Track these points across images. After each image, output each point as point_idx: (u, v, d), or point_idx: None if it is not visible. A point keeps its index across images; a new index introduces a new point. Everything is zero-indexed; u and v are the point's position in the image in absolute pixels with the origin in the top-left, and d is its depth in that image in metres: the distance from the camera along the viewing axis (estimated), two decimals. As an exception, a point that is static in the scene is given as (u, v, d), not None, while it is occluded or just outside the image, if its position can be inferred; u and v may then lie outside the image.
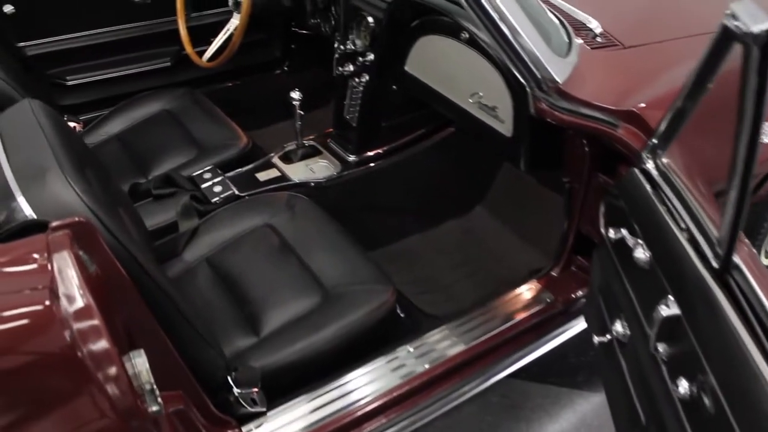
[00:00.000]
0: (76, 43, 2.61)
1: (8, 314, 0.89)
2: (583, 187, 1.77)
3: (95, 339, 0.94)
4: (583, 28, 1.82)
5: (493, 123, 1.82)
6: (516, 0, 1.47)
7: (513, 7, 1.44)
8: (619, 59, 1.75)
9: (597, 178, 1.72)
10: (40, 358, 0.95)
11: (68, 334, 0.92)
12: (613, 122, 1.52)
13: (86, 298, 0.95)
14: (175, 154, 2.26)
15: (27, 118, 1.31)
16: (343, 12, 2.26)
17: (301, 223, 1.91)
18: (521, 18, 1.45)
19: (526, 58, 1.49)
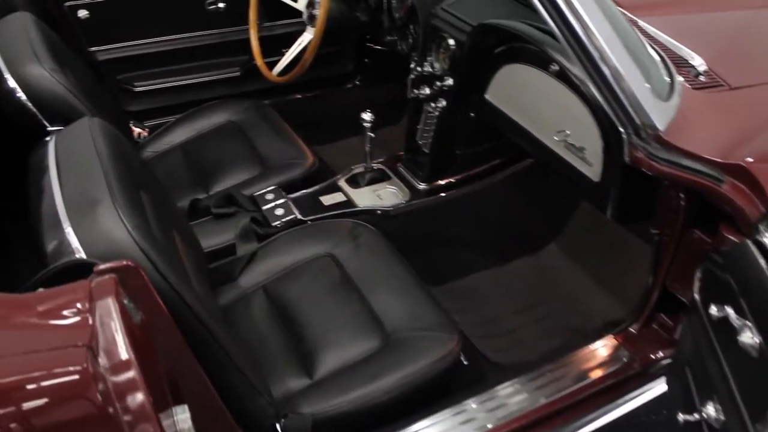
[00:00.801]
0: (146, 49, 2.57)
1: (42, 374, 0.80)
2: (675, 242, 1.61)
3: (131, 394, 0.86)
4: (685, 64, 1.66)
5: (580, 165, 1.67)
6: (618, 36, 1.32)
7: (616, 46, 1.29)
8: (725, 102, 1.59)
9: (692, 233, 1.56)
10: (72, 417, 0.86)
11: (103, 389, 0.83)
12: (718, 177, 1.36)
13: (127, 353, 0.86)
14: (238, 169, 2.19)
15: (84, 138, 1.24)
16: (422, 31, 2.14)
17: (364, 256, 1.81)
18: (624, 59, 1.31)
19: (626, 102, 1.35)
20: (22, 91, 1.58)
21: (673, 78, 1.55)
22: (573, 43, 1.29)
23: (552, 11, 1.27)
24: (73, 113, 1.63)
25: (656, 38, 1.79)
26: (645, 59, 1.49)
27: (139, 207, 1.18)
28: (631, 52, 1.37)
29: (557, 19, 1.28)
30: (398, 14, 2.34)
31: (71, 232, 1.04)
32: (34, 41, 1.68)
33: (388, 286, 1.73)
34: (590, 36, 1.25)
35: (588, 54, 1.28)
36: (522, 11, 1.92)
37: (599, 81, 1.32)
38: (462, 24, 1.99)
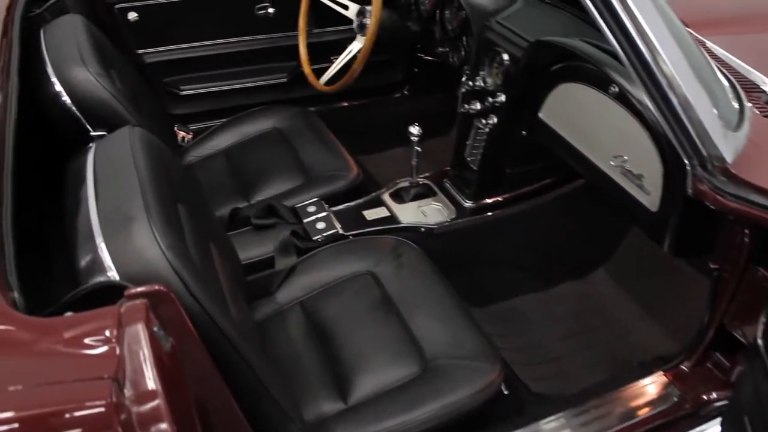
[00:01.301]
0: (194, 52, 2.55)
1: (65, 407, 0.76)
2: (736, 279, 1.51)
3: (155, 425, 0.82)
4: (756, 90, 1.57)
5: (636, 193, 1.59)
6: (688, 61, 1.23)
7: (685, 72, 1.21)
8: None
9: (756, 272, 1.46)
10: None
11: (126, 419, 0.78)
12: (789, 215, 1.27)
13: (153, 383, 0.82)
14: (280, 179, 2.15)
15: (123, 150, 1.20)
16: (475, 45, 2.07)
17: (406, 276, 1.74)
18: (694, 86, 1.22)
19: (692, 132, 1.26)
20: (67, 94, 1.57)
21: (743, 105, 1.46)
22: (639, 67, 1.21)
23: (617, 32, 1.19)
24: (117, 118, 1.61)
25: (724, 60, 1.70)
26: (714, 85, 1.40)
27: (175, 224, 1.14)
28: (700, 78, 1.28)
29: (623, 41, 1.20)
30: (451, 25, 2.28)
31: (104, 249, 1.00)
32: (82, 45, 1.67)
33: (430, 309, 1.67)
34: (658, 61, 1.17)
35: (655, 80, 1.20)
36: (581, 27, 1.84)
37: (665, 108, 1.24)
38: (517, 38, 1.92)
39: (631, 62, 1.21)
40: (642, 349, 1.98)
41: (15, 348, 0.82)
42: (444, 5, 2.30)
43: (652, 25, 1.17)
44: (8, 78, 1.41)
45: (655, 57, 1.16)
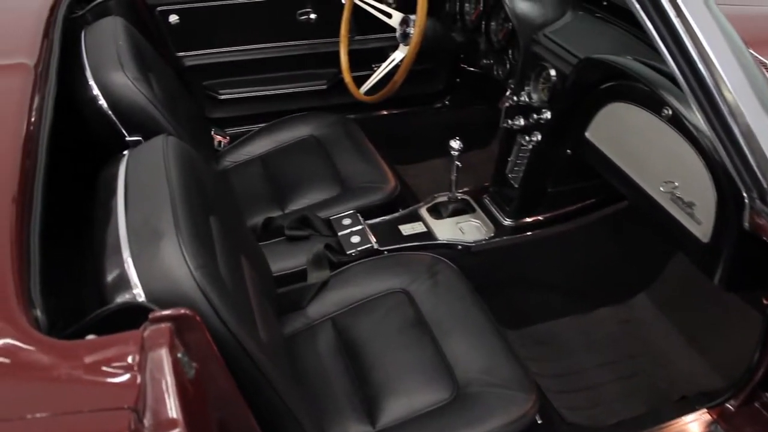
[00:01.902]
0: (233, 56, 2.53)
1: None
2: (792, 317, 1.44)
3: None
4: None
5: (687, 221, 1.51)
6: (752, 88, 1.16)
7: (750, 100, 1.13)
8: None
9: (813, 311, 1.39)
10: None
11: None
12: None
13: (175, 413, 0.77)
14: (316, 188, 2.11)
15: (156, 161, 1.17)
16: (521, 58, 2.00)
17: (441, 296, 1.69)
18: (758, 114, 1.14)
19: (753, 163, 1.18)
20: (103, 98, 1.56)
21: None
22: (699, 93, 1.14)
23: (677, 55, 1.13)
24: (152, 124, 1.60)
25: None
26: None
27: (205, 240, 1.10)
28: (764, 105, 1.21)
29: (683, 65, 1.13)
30: (497, 37, 2.22)
31: (131, 265, 0.97)
32: (121, 48, 1.65)
33: (464, 331, 1.61)
34: (721, 88, 1.10)
35: (716, 108, 1.13)
36: (634, 44, 1.77)
37: (725, 137, 1.16)
38: (566, 54, 1.85)
39: (691, 88, 1.14)
40: (684, 381, 1.90)
41: (34, 372, 0.78)
42: (490, 16, 2.24)
43: (715, 48, 1.10)
44: (47, 80, 1.39)
45: (717, 83, 1.09)
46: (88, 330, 0.86)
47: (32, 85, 1.31)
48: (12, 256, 0.90)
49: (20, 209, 1.00)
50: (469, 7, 2.38)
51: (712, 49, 1.09)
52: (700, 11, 1.01)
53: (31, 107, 1.25)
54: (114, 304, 0.91)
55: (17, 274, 0.88)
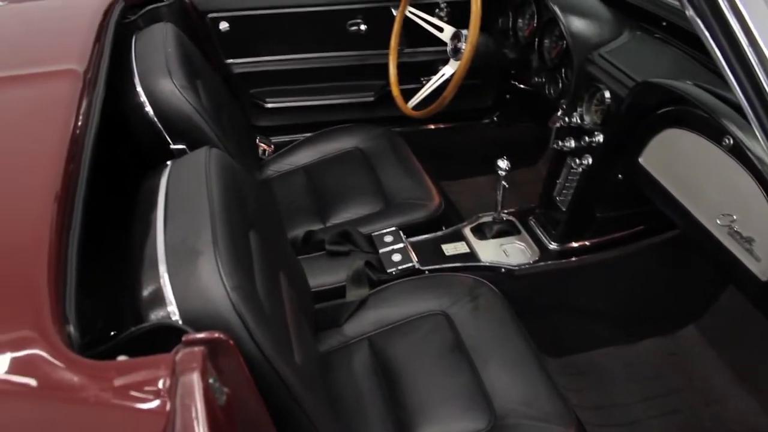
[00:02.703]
0: (281, 65, 2.52)
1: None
2: None
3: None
4: None
5: (744, 257, 1.44)
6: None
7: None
8: None
9: None
10: None
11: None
12: None
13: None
14: (359, 203, 2.08)
15: (197, 174, 1.15)
16: (575, 78, 1.94)
17: (482, 320, 1.64)
18: (830, 152, 1.08)
19: (823, 202, 1.12)
20: (150, 105, 1.56)
21: None
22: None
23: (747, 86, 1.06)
24: (197, 132, 1.59)
25: None
26: None
27: (244, 259, 1.07)
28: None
29: (752, 96, 1.06)
30: (550, 55, 2.16)
31: (167, 282, 0.95)
32: (170, 56, 1.65)
33: (504, 359, 1.56)
34: (794, 122, 1.04)
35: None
36: (695, 68, 1.70)
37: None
38: (622, 75, 1.78)
39: (760, 120, 1.08)
40: (731, 421, 1.83)
41: (62, 393, 0.76)
42: (544, 33, 2.18)
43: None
44: (95, 85, 1.39)
45: (791, 118, 1.03)
46: (121, 348, 0.84)
47: (80, 90, 1.31)
48: (49, 267, 0.88)
49: (61, 216, 0.98)
50: (523, 23, 2.33)
51: (785, 81, 1.03)
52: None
53: (78, 111, 1.24)
54: (148, 323, 0.89)
55: (53, 287, 0.86)
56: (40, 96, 1.32)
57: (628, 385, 1.96)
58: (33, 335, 0.79)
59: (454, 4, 2.49)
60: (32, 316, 0.81)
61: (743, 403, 1.88)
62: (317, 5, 2.43)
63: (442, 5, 2.49)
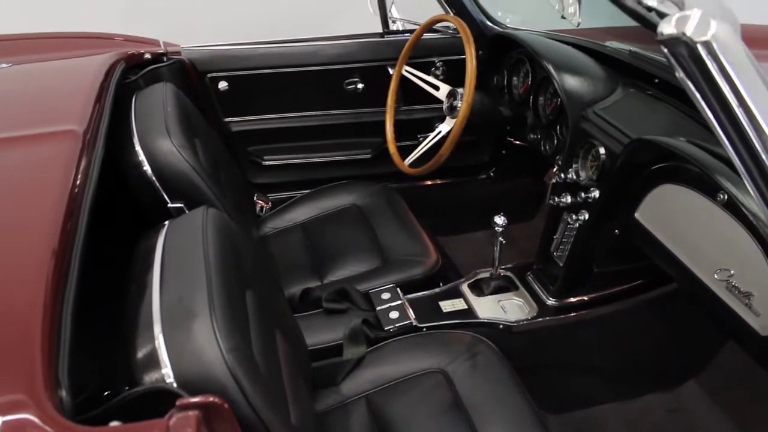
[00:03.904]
0: (279, 123, 2.55)
1: None
2: None
3: None
4: None
5: (743, 312, 1.43)
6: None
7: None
8: None
9: None
10: None
11: None
12: None
13: None
14: (356, 260, 2.08)
15: (194, 235, 1.15)
16: (570, 135, 1.96)
17: (480, 378, 1.62)
18: (823, 208, 1.09)
19: (819, 257, 1.12)
20: (148, 164, 1.57)
21: None
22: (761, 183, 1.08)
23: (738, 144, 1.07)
24: (195, 191, 1.60)
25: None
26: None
27: (240, 319, 1.07)
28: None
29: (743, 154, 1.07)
30: (545, 112, 2.19)
31: (162, 344, 0.94)
32: (169, 115, 1.67)
33: (503, 417, 1.54)
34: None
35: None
36: (686, 124, 1.72)
37: (789, 232, 1.10)
38: (616, 132, 1.80)
39: (752, 177, 1.08)
40: (736, 480, 1.79)
41: (52, 461, 0.75)
42: (538, 91, 2.22)
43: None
44: (94, 145, 1.40)
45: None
46: (114, 412, 0.83)
47: (80, 150, 1.32)
48: (43, 330, 0.88)
49: (57, 275, 0.98)
50: (518, 81, 2.37)
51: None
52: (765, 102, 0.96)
53: (77, 170, 1.25)
54: (141, 387, 0.88)
55: (46, 350, 0.85)
56: (39, 156, 1.33)
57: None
58: (24, 399, 0.78)
59: (450, 63, 2.54)
60: (24, 379, 0.80)
61: (747, 461, 1.86)
62: (315, 65, 2.48)
63: (438, 64, 2.54)
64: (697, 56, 0.89)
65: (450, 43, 2.53)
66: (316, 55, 2.48)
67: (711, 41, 0.88)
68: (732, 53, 0.90)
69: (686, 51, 0.90)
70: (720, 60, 0.89)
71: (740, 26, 0.92)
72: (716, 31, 0.88)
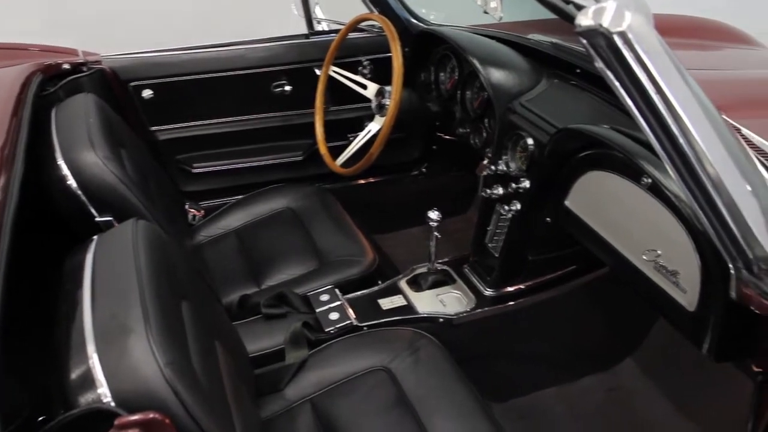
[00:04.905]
0: (207, 130, 2.52)
1: None
2: (785, 385, 1.40)
3: None
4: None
5: (671, 290, 1.48)
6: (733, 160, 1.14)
7: (732, 174, 1.12)
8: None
9: (807, 376, 1.35)
10: None
11: None
12: None
13: None
14: (293, 263, 2.07)
15: (125, 249, 1.12)
16: (498, 128, 1.99)
17: (423, 372, 1.64)
18: (740, 186, 1.13)
19: (738, 235, 1.16)
20: (73, 178, 1.52)
21: (787, 201, 1.37)
22: (681, 167, 1.12)
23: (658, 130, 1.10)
24: (123, 203, 1.56)
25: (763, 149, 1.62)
26: (756, 181, 1.31)
27: (177, 331, 1.05)
28: (745, 176, 1.19)
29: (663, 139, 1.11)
30: (472, 107, 2.22)
31: (97, 363, 0.92)
32: (92, 126, 1.62)
33: (448, 410, 1.55)
34: (703, 162, 1.08)
35: (698, 181, 1.11)
36: (610, 112, 1.77)
37: (709, 210, 1.14)
38: (543, 123, 1.84)
39: (672, 161, 1.12)
40: (674, 448, 1.86)
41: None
42: (465, 86, 2.25)
43: (695, 124, 1.08)
44: (13, 161, 1.35)
45: (699, 158, 1.07)
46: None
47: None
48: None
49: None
50: (444, 76, 2.39)
51: (693, 126, 1.07)
52: (680, 88, 1.00)
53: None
54: (77, 409, 0.85)
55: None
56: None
57: (571, 424, 1.98)
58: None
59: (377, 61, 2.54)
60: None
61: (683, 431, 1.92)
62: (241, 69, 2.45)
63: (364, 63, 2.54)
64: (614, 46, 0.92)
65: (376, 41, 2.54)
66: (242, 58, 2.45)
67: (626, 31, 0.91)
68: (646, 42, 0.93)
69: (604, 41, 0.93)
70: (635, 49, 0.92)
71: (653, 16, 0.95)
72: (631, 21, 0.91)
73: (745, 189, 1.16)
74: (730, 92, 1.99)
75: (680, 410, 1.98)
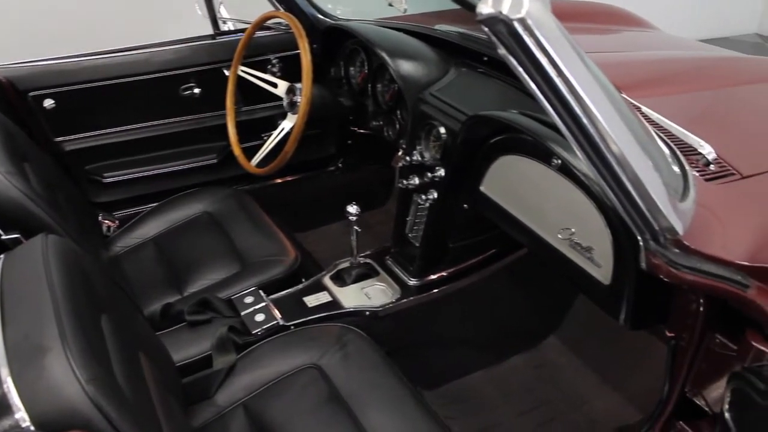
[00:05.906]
0: (116, 137, 2.45)
1: None
2: (694, 347, 1.46)
3: None
4: (693, 153, 1.56)
5: (587, 266, 1.54)
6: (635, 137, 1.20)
7: (634, 150, 1.16)
8: (740, 193, 1.46)
9: (713, 339, 1.42)
10: None
11: None
12: (743, 282, 1.23)
13: None
14: (214, 268, 2.03)
15: (35, 265, 1.08)
16: (410, 118, 2.02)
17: (353, 367, 1.64)
18: (643, 161, 1.18)
19: (644, 208, 1.21)
20: None
21: (685, 170, 1.44)
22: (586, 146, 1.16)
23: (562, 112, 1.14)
24: (31, 219, 1.50)
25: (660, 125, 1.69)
26: (657, 154, 1.37)
27: (97, 346, 1.02)
28: (646, 151, 1.25)
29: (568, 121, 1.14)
30: (384, 99, 2.24)
31: (11, 387, 0.88)
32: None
33: (382, 402, 1.56)
34: (607, 141, 1.12)
35: (604, 159, 1.15)
36: (518, 97, 1.81)
37: (615, 187, 1.19)
38: (453, 111, 1.87)
39: (578, 142, 1.16)
40: (601, 419, 1.93)
41: None
42: (375, 79, 2.26)
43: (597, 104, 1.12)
44: None
45: (603, 137, 1.11)
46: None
47: None
48: None
49: None
50: (355, 71, 2.40)
51: (595, 106, 1.11)
52: (580, 70, 1.04)
53: None
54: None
55: None
56: None
57: (502, 403, 2.02)
58: None
59: (286, 59, 2.53)
60: None
61: (610, 400, 1.99)
62: (147, 73, 2.39)
63: (273, 61, 2.52)
64: (515, 33, 0.94)
65: (283, 39, 2.52)
66: (148, 62, 2.39)
67: (525, 18, 0.93)
68: (546, 28, 0.95)
69: (505, 29, 0.95)
70: (535, 35, 0.95)
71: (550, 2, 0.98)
72: (529, 7, 0.93)
73: (647, 164, 1.22)
74: (628, 73, 2.06)
75: (604, 380, 2.06)
